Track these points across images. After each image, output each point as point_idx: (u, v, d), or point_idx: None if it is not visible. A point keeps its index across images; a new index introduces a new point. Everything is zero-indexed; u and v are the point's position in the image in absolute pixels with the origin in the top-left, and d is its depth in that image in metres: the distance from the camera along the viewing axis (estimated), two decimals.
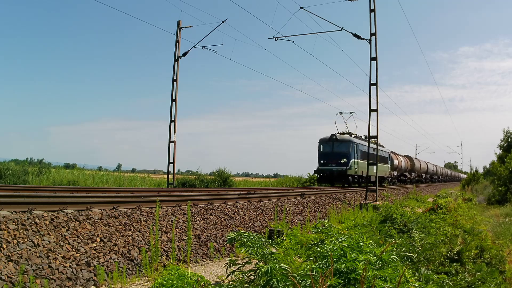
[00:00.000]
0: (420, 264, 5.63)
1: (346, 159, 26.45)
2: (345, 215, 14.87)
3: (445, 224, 9.68)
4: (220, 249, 8.75)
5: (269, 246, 4.37)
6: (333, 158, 26.64)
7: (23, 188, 12.54)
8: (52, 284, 5.45)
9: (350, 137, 27.74)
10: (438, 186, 50.23)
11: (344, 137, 27.60)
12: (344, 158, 26.41)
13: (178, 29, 22.47)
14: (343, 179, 26.56)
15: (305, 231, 10.60)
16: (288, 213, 12.61)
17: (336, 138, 27.18)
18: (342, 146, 26.98)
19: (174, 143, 22.07)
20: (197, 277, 5.46)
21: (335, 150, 26.94)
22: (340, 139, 27.24)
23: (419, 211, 14.86)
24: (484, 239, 7.99)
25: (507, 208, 17.49)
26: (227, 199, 11.88)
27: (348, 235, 4.66)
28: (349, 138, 27.61)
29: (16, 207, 6.65)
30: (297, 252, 7.66)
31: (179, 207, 9.50)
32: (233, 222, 10.30)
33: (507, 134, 31.59)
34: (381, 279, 3.42)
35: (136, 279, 6.42)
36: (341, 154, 26.61)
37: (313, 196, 17.14)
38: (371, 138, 19.66)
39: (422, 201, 23.09)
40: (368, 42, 19.19)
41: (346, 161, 26.39)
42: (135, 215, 8.07)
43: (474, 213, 13.62)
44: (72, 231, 6.61)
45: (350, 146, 26.92)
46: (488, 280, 5.41)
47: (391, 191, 28.30)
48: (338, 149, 26.91)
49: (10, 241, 5.68)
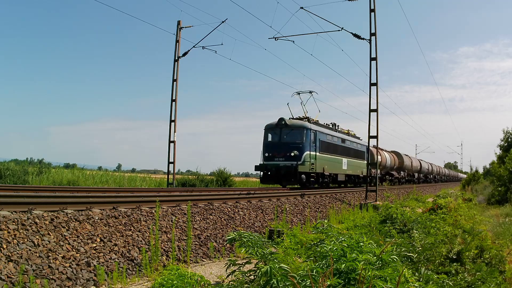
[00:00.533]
0: (420, 264, 5.63)
1: (298, 151, 19.83)
2: (345, 215, 14.87)
3: (445, 224, 9.69)
4: (220, 249, 8.75)
5: (269, 246, 4.37)
6: (281, 150, 20.16)
7: (23, 188, 12.54)
8: (52, 284, 5.45)
9: (304, 123, 21.03)
10: (438, 186, 50.19)
11: (296, 123, 20.96)
12: (295, 150, 19.82)
13: (178, 29, 22.48)
14: (293, 178, 19.58)
15: (305, 231, 10.60)
16: (288, 213, 12.61)
17: (285, 123, 20.64)
18: (293, 134, 20.54)
19: (174, 143, 22.09)
20: (197, 277, 5.46)
21: (284, 139, 20.51)
22: (291, 124, 20.69)
23: (419, 211, 14.87)
24: (484, 239, 8.00)
25: (507, 208, 17.48)
26: (227, 199, 11.88)
27: (348, 235, 4.67)
28: (302, 123, 20.87)
29: (16, 207, 6.65)
30: (297, 252, 7.66)
31: (179, 207, 9.50)
32: (233, 222, 10.30)
33: (507, 134, 31.61)
34: (381, 279, 3.42)
35: (136, 279, 6.43)
36: (290, 144, 20.15)
37: (313, 196, 17.14)
38: (371, 138, 19.63)
39: (422, 201, 23.09)
40: (368, 42, 19.19)
41: (298, 153, 19.76)
42: (135, 215, 8.07)
43: (474, 213, 13.64)
44: (72, 231, 6.61)
45: (305, 134, 20.26)
46: (488, 280, 5.42)
47: (391, 191, 28.27)
48: (287, 138, 20.53)
49: (10, 241, 5.68)
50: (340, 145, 23.21)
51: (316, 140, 21.10)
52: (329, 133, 23.01)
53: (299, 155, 19.75)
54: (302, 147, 20.06)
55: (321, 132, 21.98)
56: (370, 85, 19.42)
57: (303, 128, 20.52)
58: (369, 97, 19.38)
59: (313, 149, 20.72)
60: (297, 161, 19.48)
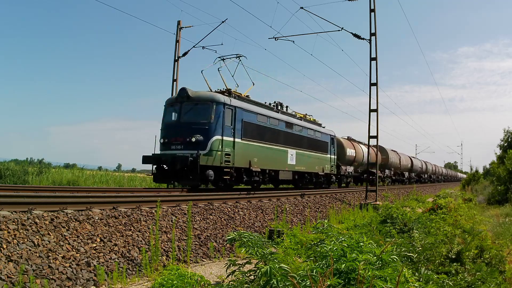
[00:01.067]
0: (420, 264, 5.64)
1: (202, 135, 13.44)
2: (345, 215, 14.88)
3: (445, 224, 9.69)
4: (220, 249, 8.75)
5: (269, 246, 4.37)
6: (179, 134, 13.82)
7: (23, 188, 12.53)
8: (52, 284, 5.45)
9: (215, 95, 14.31)
10: (438, 186, 50.21)
11: (202, 94, 14.31)
12: (198, 134, 13.43)
13: (178, 29, 22.47)
14: (191, 174, 13.02)
15: (305, 231, 10.60)
16: (288, 213, 12.61)
17: (187, 96, 14.11)
18: (197, 110, 14.03)
19: None
20: (197, 277, 5.46)
21: (184, 118, 14.05)
22: (195, 97, 14.17)
23: (419, 211, 14.88)
24: (484, 239, 8.00)
25: (507, 208, 17.50)
26: (227, 199, 11.88)
27: (348, 235, 4.67)
28: (211, 95, 14.23)
29: (16, 207, 6.65)
30: (297, 252, 7.67)
31: (179, 207, 9.50)
32: (233, 222, 10.30)
33: (507, 134, 31.63)
34: (381, 279, 3.42)
35: (136, 279, 6.43)
36: (192, 125, 13.73)
37: (313, 196, 17.15)
38: (371, 138, 19.64)
39: (422, 201, 23.11)
40: (368, 42, 19.21)
41: (202, 138, 13.39)
42: (135, 215, 8.07)
43: (474, 213, 13.65)
44: (72, 231, 6.61)
45: (214, 111, 13.76)
46: (488, 280, 5.42)
47: (391, 191, 28.26)
48: (188, 116, 14.04)
49: (10, 241, 5.68)
50: (283, 131, 17.39)
51: (236, 121, 14.44)
52: (262, 113, 16.17)
53: (203, 141, 13.32)
54: (208, 129, 13.51)
55: (246, 110, 15.14)
56: (370, 85, 19.44)
57: (212, 102, 13.81)
58: (369, 97, 19.40)
59: (229, 133, 14.11)
60: (198, 149, 12.99)
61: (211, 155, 13.42)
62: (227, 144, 14.05)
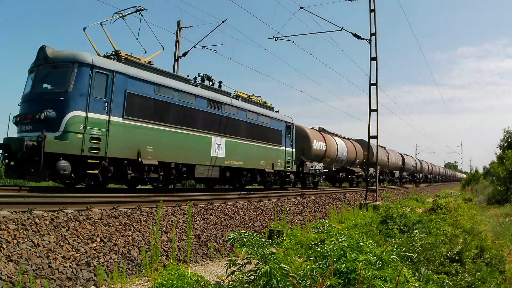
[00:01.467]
0: (420, 264, 5.63)
1: (55, 111, 9.33)
2: (345, 215, 14.88)
3: (445, 224, 9.68)
4: (220, 249, 8.75)
5: (269, 246, 4.37)
6: (29, 110, 9.86)
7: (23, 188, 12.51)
8: (52, 284, 5.45)
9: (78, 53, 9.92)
10: (438, 186, 50.22)
11: (61, 54, 10.06)
12: (49, 108, 9.31)
13: (178, 29, 22.48)
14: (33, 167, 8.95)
15: (305, 231, 10.61)
16: (288, 213, 12.61)
17: (45, 56, 10.04)
18: (52, 76, 10.02)
19: None
20: (197, 277, 5.46)
21: (37, 88, 10.02)
22: (53, 58, 10.00)
23: (419, 211, 14.88)
24: (484, 239, 7.99)
25: (507, 208, 17.50)
26: (227, 199, 11.88)
27: (348, 235, 4.67)
28: (72, 54, 9.91)
29: (16, 207, 6.65)
30: (297, 252, 7.67)
31: (179, 207, 9.50)
32: (233, 222, 10.30)
33: (507, 134, 31.65)
34: (381, 279, 3.41)
35: (136, 279, 6.43)
36: (44, 96, 9.78)
37: (313, 196, 17.15)
38: (371, 138, 19.63)
39: (422, 201, 23.11)
40: (368, 42, 19.22)
41: (54, 115, 9.28)
42: (135, 215, 8.07)
43: (474, 213, 13.64)
44: (72, 231, 6.61)
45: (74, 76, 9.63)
46: (488, 280, 5.42)
47: (391, 191, 28.26)
48: (42, 85, 10.09)
49: (10, 241, 5.68)
50: (204, 112, 13.04)
51: (114, 92, 10.25)
52: (165, 84, 11.78)
53: (55, 117, 9.33)
54: (64, 101, 9.44)
55: (135, 78, 10.91)
56: (370, 85, 19.46)
57: (73, 64, 9.74)
58: (369, 97, 19.43)
59: (100, 108, 9.92)
60: (46, 130, 9.01)
61: (66, 139, 9.22)
62: (95, 124, 9.75)
